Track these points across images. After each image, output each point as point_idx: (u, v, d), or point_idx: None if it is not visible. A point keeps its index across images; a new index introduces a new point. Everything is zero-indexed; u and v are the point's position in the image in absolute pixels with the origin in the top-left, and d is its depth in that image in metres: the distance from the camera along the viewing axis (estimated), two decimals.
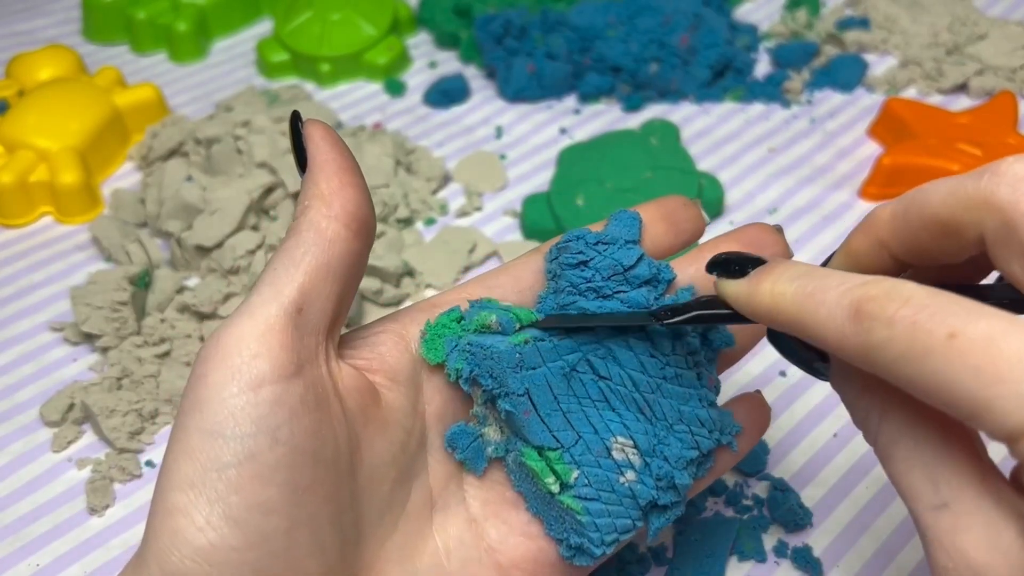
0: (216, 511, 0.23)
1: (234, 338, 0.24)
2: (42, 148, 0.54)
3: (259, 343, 0.24)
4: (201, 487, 0.23)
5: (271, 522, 0.24)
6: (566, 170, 0.52)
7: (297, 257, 0.25)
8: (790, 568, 0.37)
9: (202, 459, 0.24)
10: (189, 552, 0.23)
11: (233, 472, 0.23)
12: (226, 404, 0.24)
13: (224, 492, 0.23)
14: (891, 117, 0.55)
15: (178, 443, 0.24)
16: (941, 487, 0.22)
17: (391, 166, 0.53)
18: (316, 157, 0.26)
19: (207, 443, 0.24)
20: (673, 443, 0.29)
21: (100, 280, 0.46)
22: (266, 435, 0.24)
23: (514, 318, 0.29)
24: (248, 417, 0.24)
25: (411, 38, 0.67)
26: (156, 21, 0.66)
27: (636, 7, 0.60)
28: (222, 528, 0.23)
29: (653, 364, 0.29)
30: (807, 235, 0.51)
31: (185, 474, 0.24)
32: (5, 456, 0.42)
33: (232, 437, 0.24)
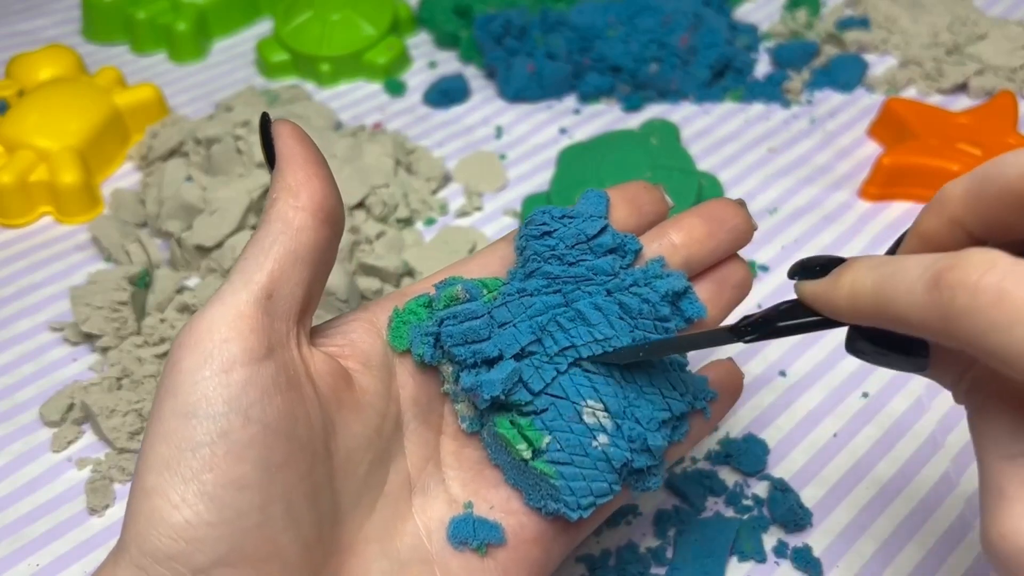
0: (191, 489, 0.24)
1: (205, 324, 0.25)
2: (42, 148, 0.54)
3: (229, 328, 0.25)
4: (176, 466, 0.24)
5: (245, 498, 0.24)
6: (566, 170, 0.52)
7: (266, 246, 0.26)
8: (790, 568, 0.37)
9: (176, 440, 0.24)
10: (166, 530, 0.24)
11: (207, 451, 0.24)
12: (198, 386, 0.24)
13: (198, 470, 0.24)
14: (891, 117, 0.55)
15: (154, 427, 0.25)
16: (1020, 439, 0.22)
17: (391, 166, 0.53)
18: (283, 152, 0.28)
19: (181, 424, 0.24)
20: (644, 405, 0.29)
21: (100, 280, 0.46)
22: (238, 414, 0.25)
23: (480, 284, 0.30)
24: (220, 397, 0.24)
25: (411, 38, 0.67)
26: (156, 21, 0.66)
27: (636, 7, 0.60)
28: (197, 505, 0.24)
29: (622, 326, 0.29)
30: (807, 235, 0.51)
31: (160, 455, 0.24)
32: (5, 456, 0.42)
33: (205, 417, 0.24)
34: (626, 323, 0.29)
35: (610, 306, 0.30)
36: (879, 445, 0.41)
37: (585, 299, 0.30)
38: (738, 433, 0.42)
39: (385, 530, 0.29)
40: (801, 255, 0.49)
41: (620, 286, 0.30)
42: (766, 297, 0.48)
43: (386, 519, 0.29)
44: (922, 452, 0.41)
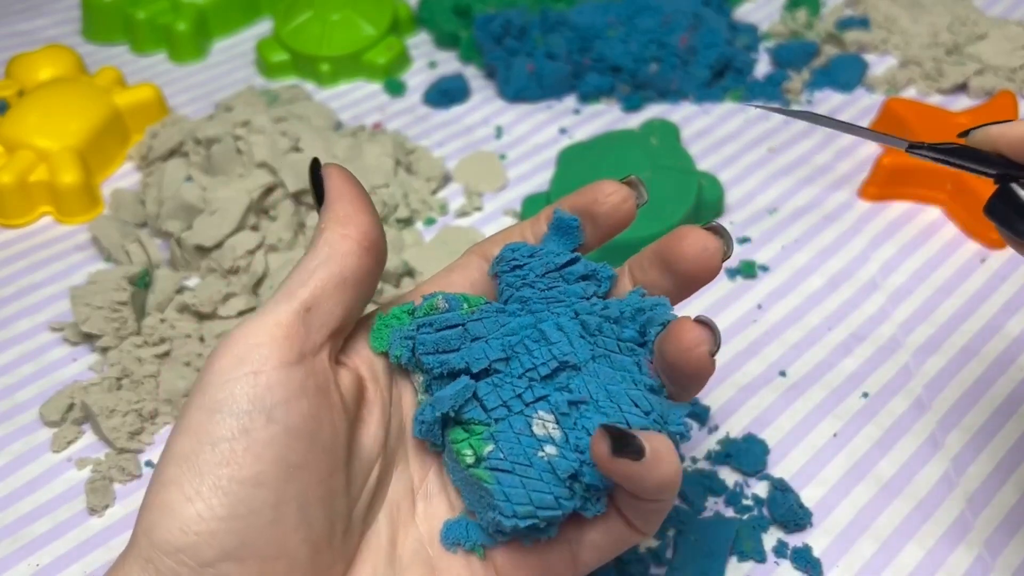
0: (206, 482, 0.25)
1: (243, 330, 0.26)
2: (42, 148, 0.54)
3: (265, 334, 0.26)
4: (194, 459, 0.25)
5: (259, 495, 0.25)
6: (566, 170, 0.52)
7: (311, 267, 0.28)
8: (790, 568, 0.37)
9: (199, 434, 0.25)
10: (176, 522, 0.24)
11: (226, 446, 0.25)
12: (226, 385, 0.25)
13: (215, 464, 0.25)
14: (891, 117, 0.55)
15: (180, 422, 0.26)
16: None
17: (391, 166, 0.53)
18: (333, 189, 0.29)
19: (205, 419, 0.25)
20: (596, 417, 0.28)
21: (100, 280, 0.46)
22: (261, 413, 0.25)
23: (462, 299, 0.30)
24: (245, 396, 0.25)
25: (411, 38, 0.67)
26: (156, 21, 0.66)
27: (636, 7, 0.60)
28: (210, 498, 0.24)
29: (582, 345, 0.29)
30: (807, 235, 0.51)
31: (180, 448, 0.25)
32: (5, 456, 0.42)
33: (228, 413, 0.25)
34: (586, 341, 0.29)
35: (572, 325, 0.30)
36: (879, 445, 0.41)
37: (550, 319, 0.30)
38: (738, 433, 0.42)
39: (389, 536, 0.29)
40: (801, 255, 0.50)
41: (589, 309, 0.30)
42: (765, 297, 0.48)
43: (390, 525, 0.29)
44: (922, 452, 0.41)
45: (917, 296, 0.48)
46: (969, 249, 0.50)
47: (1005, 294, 0.48)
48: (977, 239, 0.50)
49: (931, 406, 0.43)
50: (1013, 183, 0.28)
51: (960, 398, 0.43)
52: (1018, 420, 0.42)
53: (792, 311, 0.47)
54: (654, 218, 0.49)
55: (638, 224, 0.48)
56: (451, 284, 0.32)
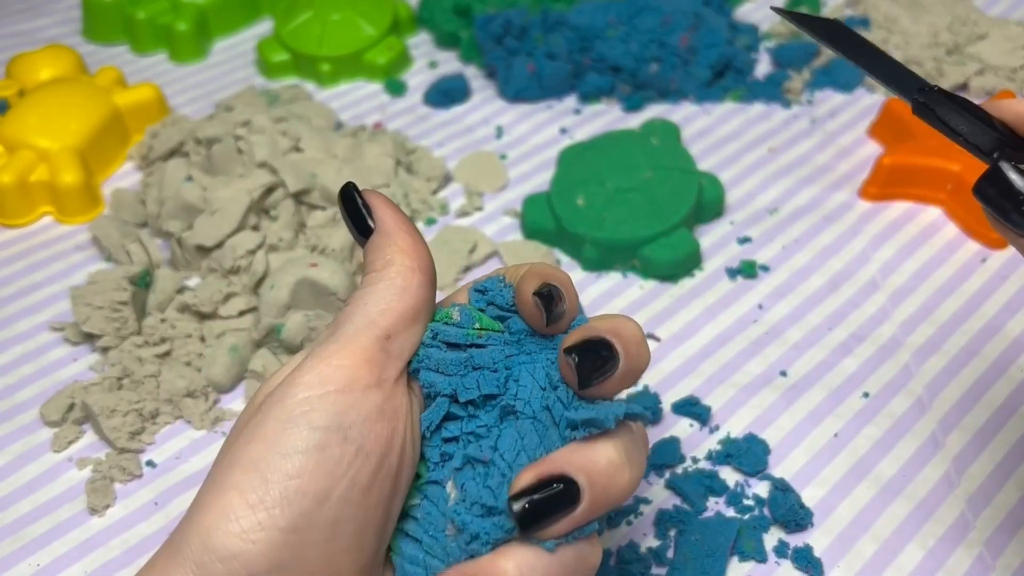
0: (273, 491, 0.25)
1: (327, 352, 0.27)
2: (42, 148, 0.54)
3: (348, 358, 0.27)
4: (264, 467, 0.25)
5: (322, 512, 0.25)
6: (566, 170, 0.52)
7: (389, 297, 0.28)
8: (791, 568, 0.37)
9: (273, 443, 0.25)
10: (235, 528, 0.24)
11: (300, 458, 0.25)
12: (309, 400, 0.26)
13: (285, 475, 0.25)
14: (891, 117, 0.55)
15: (250, 428, 0.26)
16: None
17: (391, 166, 0.53)
18: (387, 220, 0.30)
19: (281, 429, 0.25)
20: (494, 479, 0.27)
21: (100, 280, 0.46)
22: (338, 431, 0.25)
23: (476, 317, 0.29)
24: (325, 412, 0.25)
25: (411, 38, 0.67)
26: (156, 21, 0.66)
27: (636, 7, 0.60)
28: (273, 509, 0.24)
29: (538, 397, 0.28)
30: (807, 235, 0.51)
31: (252, 455, 0.25)
32: (5, 456, 0.42)
33: (306, 427, 0.25)
34: (543, 395, 0.28)
35: (542, 375, 0.28)
36: (879, 445, 0.41)
37: (527, 365, 0.28)
38: (739, 433, 0.42)
39: None
40: (801, 255, 0.50)
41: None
42: (766, 297, 0.48)
43: None
44: (922, 452, 0.41)
45: (917, 296, 0.48)
46: (969, 249, 0.50)
47: (1005, 294, 0.48)
48: (977, 239, 0.50)
49: (931, 406, 0.43)
50: (1003, 162, 0.27)
51: (960, 398, 0.43)
52: (1018, 420, 0.42)
53: (792, 311, 0.47)
54: (655, 218, 0.49)
55: (640, 225, 0.49)
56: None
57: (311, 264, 0.45)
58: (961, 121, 0.28)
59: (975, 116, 0.28)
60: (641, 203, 0.49)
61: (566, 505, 0.25)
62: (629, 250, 0.49)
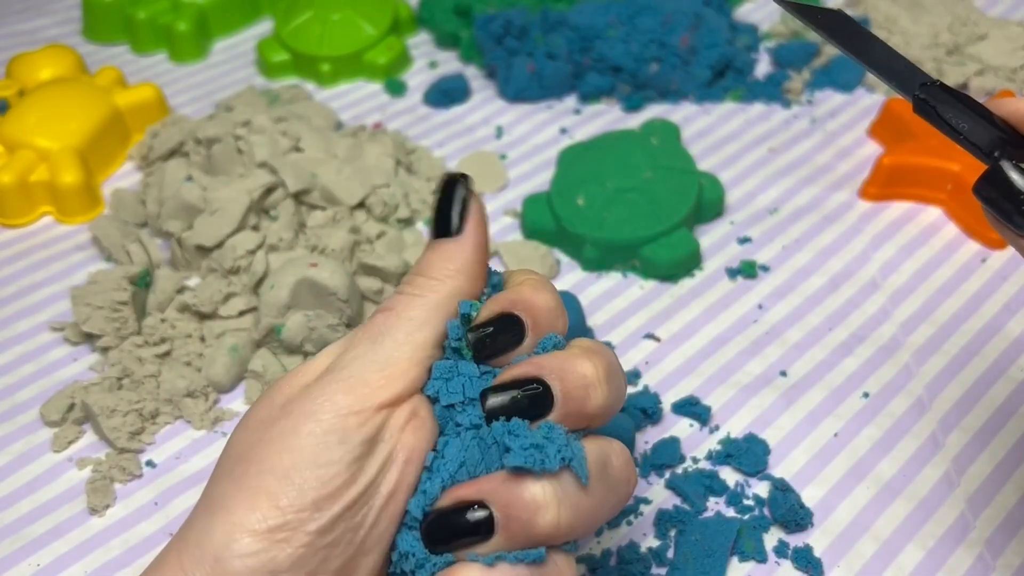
0: (306, 498, 0.25)
1: (366, 369, 0.27)
2: (42, 148, 0.54)
3: (390, 379, 0.27)
4: (299, 478, 0.25)
5: (349, 518, 0.25)
6: (566, 170, 0.52)
7: (438, 318, 0.28)
8: (791, 568, 0.37)
9: (308, 456, 0.25)
10: (263, 527, 0.24)
11: (335, 468, 0.25)
12: (346, 417, 0.26)
13: (319, 483, 0.25)
14: (891, 117, 0.55)
15: (286, 439, 0.26)
16: None
17: (391, 166, 0.53)
18: (475, 235, 0.29)
19: (317, 444, 0.25)
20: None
21: (100, 280, 0.46)
22: (372, 443, 0.26)
23: (478, 307, 0.29)
24: (363, 430, 0.26)
25: (411, 38, 0.67)
26: (156, 21, 0.66)
27: (636, 7, 0.60)
28: (303, 512, 0.25)
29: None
30: (807, 235, 0.51)
31: (285, 464, 0.25)
32: (5, 456, 0.42)
33: (342, 443, 0.25)
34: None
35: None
36: (879, 445, 0.41)
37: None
38: (739, 433, 0.42)
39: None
40: (801, 255, 0.50)
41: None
42: (766, 297, 0.48)
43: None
44: (922, 452, 0.41)
45: (917, 296, 0.48)
46: (969, 249, 0.50)
47: (1005, 294, 0.48)
48: (977, 239, 0.50)
49: (931, 406, 0.43)
50: (1003, 161, 0.27)
51: (960, 398, 0.43)
52: (1018, 420, 0.42)
53: (793, 311, 0.47)
54: (655, 218, 0.49)
55: (640, 225, 0.49)
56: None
57: (311, 264, 0.45)
58: (962, 119, 0.28)
59: (976, 113, 0.28)
60: (641, 203, 0.49)
61: (475, 533, 0.25)
62: (629, 250, 0.49)
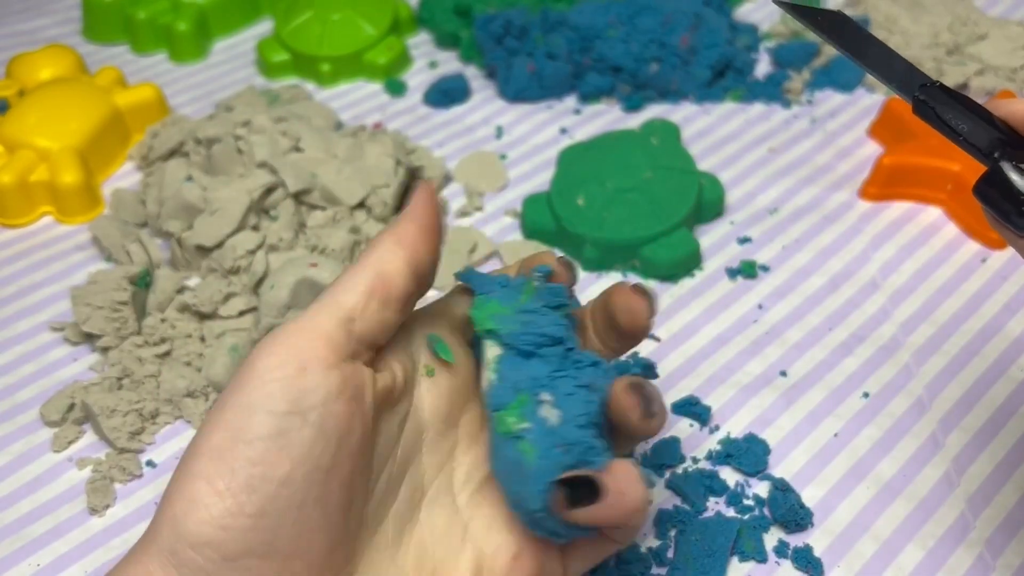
0: (238, 479, 0.25)
1: (286, 333, 0.27)
2: (42, 148, 0.54)
3: (308, 338, 0.27)
4: (228, 455, 0.25)
5: (287, 495, 0.25)
6: (566, 170, 0.52)
7: (359, 278, 0.28)
8: (791, 568, 0.37)
9: (234, 430, 0.25)
10: (205, 516, 0.25)
11: (261, 445, 0.25)
12: (266, 385, 0.26)
13: (248, 462, 0.25)
14: (891, 117, 0.55)
15: (213, 416, 0.26)
16: None
17: (391, 166, 0.53)
18: (412, 208, 0.30)
19: (242, 416, 0.26)
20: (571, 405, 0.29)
21: (100, 280, 0.46)
22: (298, 415, 0.26)
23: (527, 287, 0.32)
24: (284, 397, 0.26)
25: (411, 38, 0.67)
26: (156, 21, 0.66)
27: (636, 7, 0.60)
28: (240, 495, 0.25)
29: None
30: (807, 235, 0.51)
31: (214, 443, 0.25)
32: (5, 456, 0.42)
33: (266, 413, 0.25)
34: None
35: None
36: (879, 445, 0.41)
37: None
38: (739, 433, 0.42)
39: (395, 538, 0.30)
40: (801, 255, 0.50)
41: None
42: (766, 297, 0.48)
43: (396, 528, 0.30)
44: (922, 452, 0.41)
45: (917, 296, 0.48)
46: (969, 249, 0.50)
47: (1006, 294, 0.48)
48: (977, 239, 0.50)
49: (931, 406, 0.43)
50: (1003, 161, 0.27)
51: (960, 398, 0.43)
52: (1018, 420, 0.42)
53: (793, 311, 0.47)
54: (655, 218, 0.49)
55: (639, 225, 0.49)
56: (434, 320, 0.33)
57: (311, 264, 0.45)
58: (962, 120, 0.28)
59: (976, 114, 0.28)
60: (641, 203, 0.49)
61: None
62: (629, 250, 0.49)
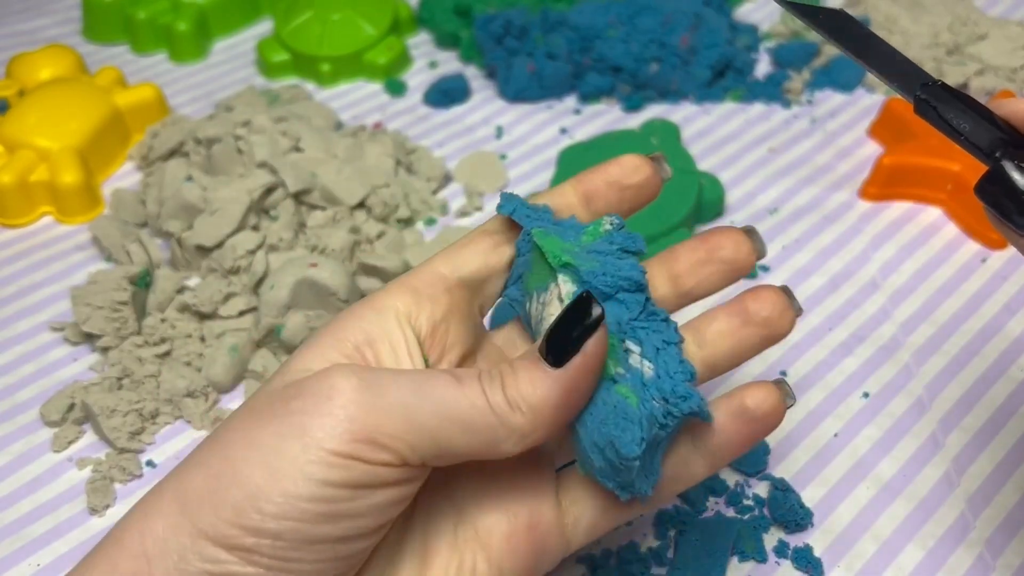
0: (267, 524, 0.25)
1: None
2: (42, 148, 0.54)
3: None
4: (263, 499, 0.25)
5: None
6: (566, 170, 0.52)
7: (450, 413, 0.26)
8: (791, 568, 0.37)
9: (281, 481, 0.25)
10: (224, 531, 0.25)
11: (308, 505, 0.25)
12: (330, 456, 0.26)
13: (286, 515, 0.25)
14: (891, 117, 0.55)
15: (265, 450, 0.25)
16: None
17: (391, 166, 0.53)
18: (573, 372, 0.26)
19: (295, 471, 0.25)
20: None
21: (100, 280, 0.46)
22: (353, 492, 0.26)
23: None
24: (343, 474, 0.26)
25: (411, 38, 0.67)
26: (156, 21, 0.66)
27: (636, 7, 0.60)
28: (263, 540, 0.25)
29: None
30: (807, 235, 0.51)
31: (256, 481, 0.25)
32: (5, 456, 0.42)
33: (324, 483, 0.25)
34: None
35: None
36: (879, 445, 0.41)
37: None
38: None
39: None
40: (801, 255, 0.50)
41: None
42: None
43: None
44: (922, 452, 0.41)
45: (917, 296, 0.48)
46: (969, 249, 0.50)
47: (1005, 294, 0.48)
48: (977, 239, 0.50)
49: (931, 406, 0.43)
50: (1005, 160, 0.27)
51: (960, 398, 0.43)
52: (1018, 420, 0.42)
53: None
54: (654, 218, 0.49)
55: (639, 225, 0.49)
56: (463, 258, 0.31)
57: (311, 264, 0.45)
58: (963, 119, 0.28)
59: (977, 114, 0.28)
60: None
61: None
62: None
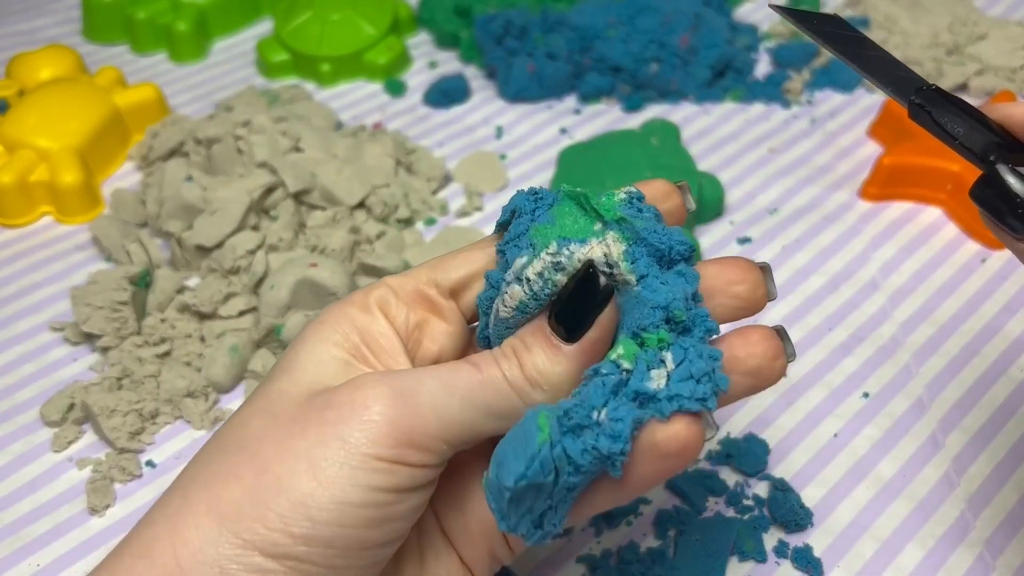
0: (319, 532, 0.25)
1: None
2: (42, 148, 0.54)
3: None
4: (312, 505, 0.25)
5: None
6: (566, 170, 0.52)
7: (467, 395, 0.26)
8: (791, 568, 0.37)
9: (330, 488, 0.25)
10: (272, 539, 0.25)
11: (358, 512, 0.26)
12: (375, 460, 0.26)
13: (335, 523, 0.25)
14: (891, 117, 0.55)
15: (305, 455, 0.26)
16: None
17: (391, 166, 0.53)
18: (587, 345, 0.26)
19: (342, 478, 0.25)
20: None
21: (100, 280, 0.46)
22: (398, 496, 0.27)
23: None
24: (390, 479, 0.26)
25: (411, 38, 0.67)
26: (156, 21, 0.66)
27: (636, 7, 0.60)
28: (314, 549, 0.25)
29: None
30: (807, 235, 0.51)
31: (303, 489, 0.25)
32: (5, 456, 0.42)
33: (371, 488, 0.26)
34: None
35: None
36: (879, 445, 0.41)
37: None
38: (739, 433, 0.42)
39: None
40: (801, 255, 0.50)
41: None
42: None
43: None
44: (922, 452, 0.41)
45: (917, 296, 0.48)
46: (969, 249, 0.50)
47: (1005, 294, 0.48)
48: (977, 239, 0.50)
49: (931, 406, 0.43)
50: (1000, 164, 0.27)
51: (960, 398, 0.43)
52: (1018, 420, 0.42)
53: (792, 311, 0.47)
54: None
55: None
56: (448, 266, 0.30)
57: (311, 264, 0.45)
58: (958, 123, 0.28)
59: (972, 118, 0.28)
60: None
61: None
62: None
